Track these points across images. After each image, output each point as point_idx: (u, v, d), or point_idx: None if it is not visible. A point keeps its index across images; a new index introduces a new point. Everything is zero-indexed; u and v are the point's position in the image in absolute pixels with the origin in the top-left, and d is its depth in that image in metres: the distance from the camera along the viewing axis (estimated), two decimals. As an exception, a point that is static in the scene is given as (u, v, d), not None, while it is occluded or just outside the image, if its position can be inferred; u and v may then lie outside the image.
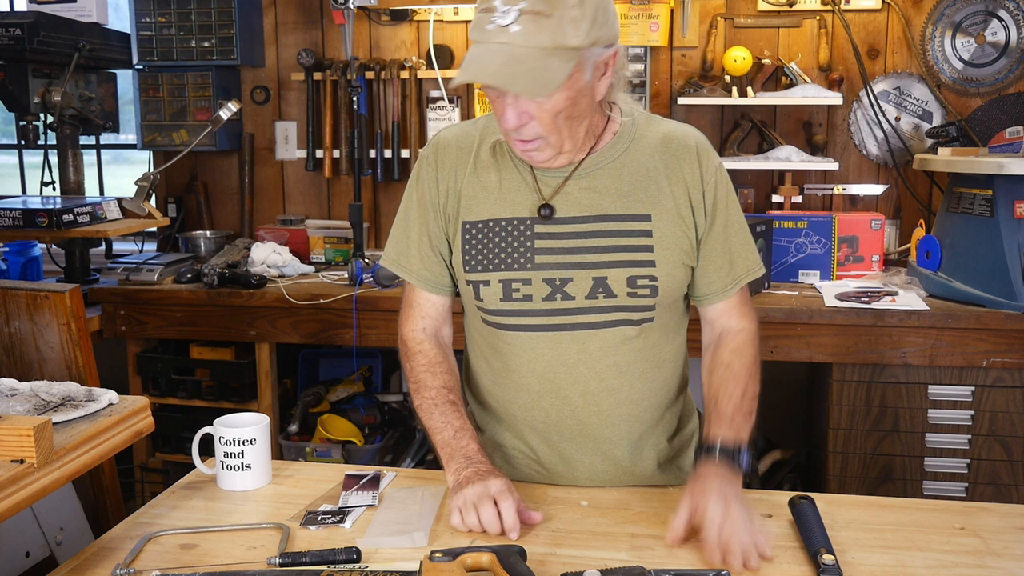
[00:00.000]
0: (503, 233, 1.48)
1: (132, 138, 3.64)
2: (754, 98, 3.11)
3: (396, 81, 3.34)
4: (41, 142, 3.13)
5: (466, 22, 3.30)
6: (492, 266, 1.48)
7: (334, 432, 3.05)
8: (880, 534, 1.34)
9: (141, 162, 3.77)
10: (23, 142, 3.11)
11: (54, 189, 3.29)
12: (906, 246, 3.15)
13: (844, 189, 3.24)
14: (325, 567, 1.22)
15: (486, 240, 1.49)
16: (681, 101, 3.12)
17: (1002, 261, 2.51)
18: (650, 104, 3.23)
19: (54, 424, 1.31)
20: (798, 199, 3.21)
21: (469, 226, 1.50)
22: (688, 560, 1.26)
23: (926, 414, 2.59)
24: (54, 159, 3.25)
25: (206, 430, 1.52)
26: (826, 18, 3.15)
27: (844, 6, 3.13)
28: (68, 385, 1.48)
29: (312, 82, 3.40)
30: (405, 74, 3.34)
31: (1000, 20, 3.07)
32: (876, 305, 2.59)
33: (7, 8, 3.86)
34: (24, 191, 3.96)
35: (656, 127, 1.52)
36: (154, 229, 3.54)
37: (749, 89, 3.13)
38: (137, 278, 2.97)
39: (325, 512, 1.40)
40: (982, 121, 3.08)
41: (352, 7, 3.01)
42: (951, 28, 3.10)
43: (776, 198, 3.24)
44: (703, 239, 1.50)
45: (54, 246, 3.38)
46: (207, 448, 1.51)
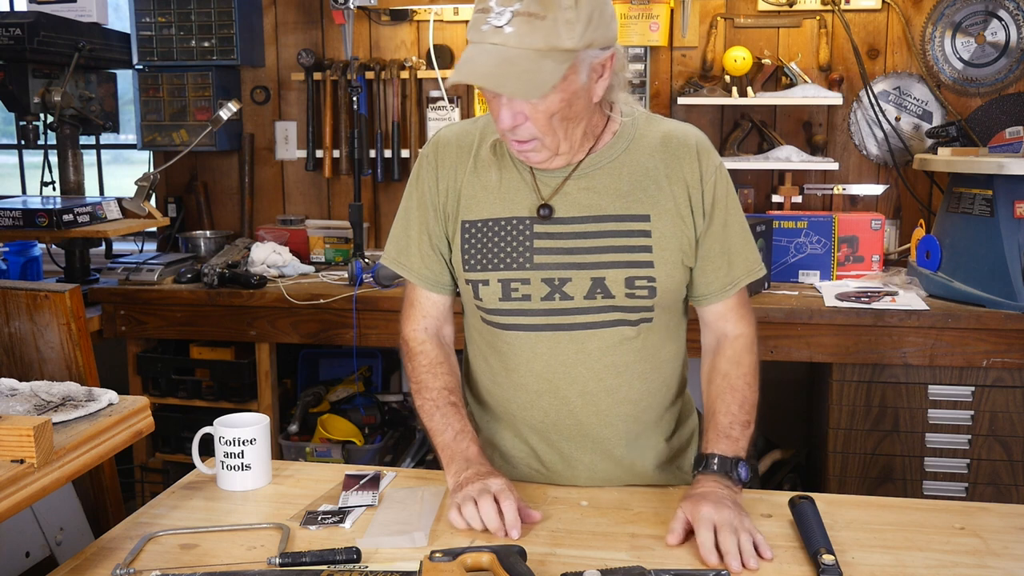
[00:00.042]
0: (502, 233, 1.48)
1: (132, 138, 3.64)
2: (754, 98, 3.11)
3: (396, 81, 3.34)
4: (41, 142, 3.12)
5: (466, 22, 3.30)
6: (491, 266, 1.48)
7: (334, 432, 3.05)
8: (880, 534, 1.34)
9: (141, 162, 3.77)
10: (23, 142, 3.11)
11: (54, 189, 3.28)
12: (906, 246, 3.15)
13: (844, 189, 3.24)
14: (325, 567, 1.22)
15: (485, 240, 1.49)
16: (681, 101, 3.12)
17: (1002, 261, 2.51)
18: (650, 104, 3.23)
19: (54, 424, 1.31)
20: (798, 199, 3.21)
21: (468, 225, 1.50)
22: (688, 560, 1.26)
23: (926, 414, 2.59)
24: (54, 159, 3.25)
25: (206, 430, 1.52)
26: (826, 18, 3.15)
27: (844, 6, 3.13)
28: (68, 385, 1.48)
29: (312, 82, 3.40)
30: (405, 74, 3.34)
31: (1000, 20, 3.07)
32: (876, 305, 2.59)
33: (7, 8, 3.86)
34: (24, 191, 3.96)
35: (656, 126, 1.51)
36: (154, 229, 3.54)
37: (749, 89, 3.13)
38: (137, 278, 2.97)
39: (325, 512, 1.40)
40: (982, 121, 3.08)
41: (352, 7, 3.01)
42: (951, 28, 3.10)
43: (776, 198, 3.24)
44: (701, 239, 1.49)
45: (54, 246, 3.38)
46: (207, 448, 1.51)
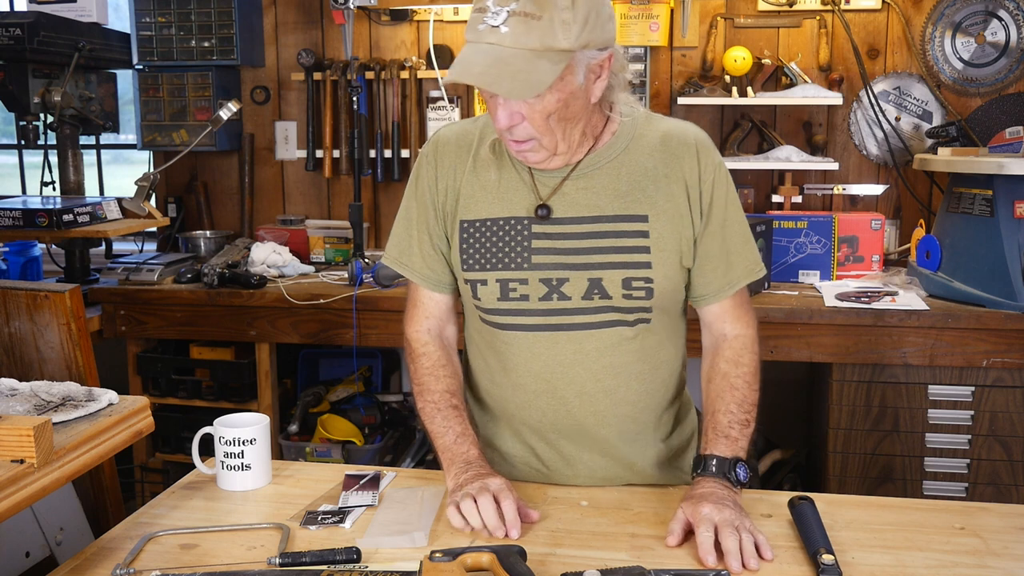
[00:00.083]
0: (500, 232, 1.48)
1: (132, 138, 3.64)
2: (754, 98, 3.11)
3: (396, 81, 3.34)
4: (41, 142, 3.12)
5: (466, 22, 3.30)
6: (489, 265, 1.48)
7: (334, 432, 3.05)
8: (880, 534, 1.34)
9: (141, 162, 3.77)
10: (23, 142, 3.11)
11: (54, 189, 3.28)
12: (906, 246, 3.15)
13: (844, 189, 3.24)
14: (325, 567, 1.22)
15: (483, 239, 1.48)
16: (681, 101, 3.12)
17: (1002, 261, 2.51)
18: (650, 104, 3.23)
19: (54, 424, 1.31)
20: (798, 199, 3.21)
21: (467, 224, 1.50)
22: (688, 560, 1.26)
23: (926, 414, 2.59)
24: (54, 159, 3.25)
25: (206, 430, 1.52)
26: (826, 18, 3.15)
27: (844, 6, 3.13)
28: (68, 385, 1.48)
29: (312, 82, 3.40)
30: (405, 74, 3.34)
31: (1000, 20, 3.07)
32: (876, 305, 2.59)
33: (7, 8, 3.86)
34: (24, 191, 3.96)
35: (656, 125, 1.51)
36: (154, 229, 3.54)
37: (749, 89, 3.13)
38: (137, 278, 2.97)
39: (325, 512, 1.40)
40: (982, 121, 3.08)
41: (352, 7, 3.01)
42: (951, 28, 3.10)
43: (776, 198, 3.24)
44: (699, 238, 1.48)
45: (54, 246, 3.38)
46: (207, 448, 1.51)
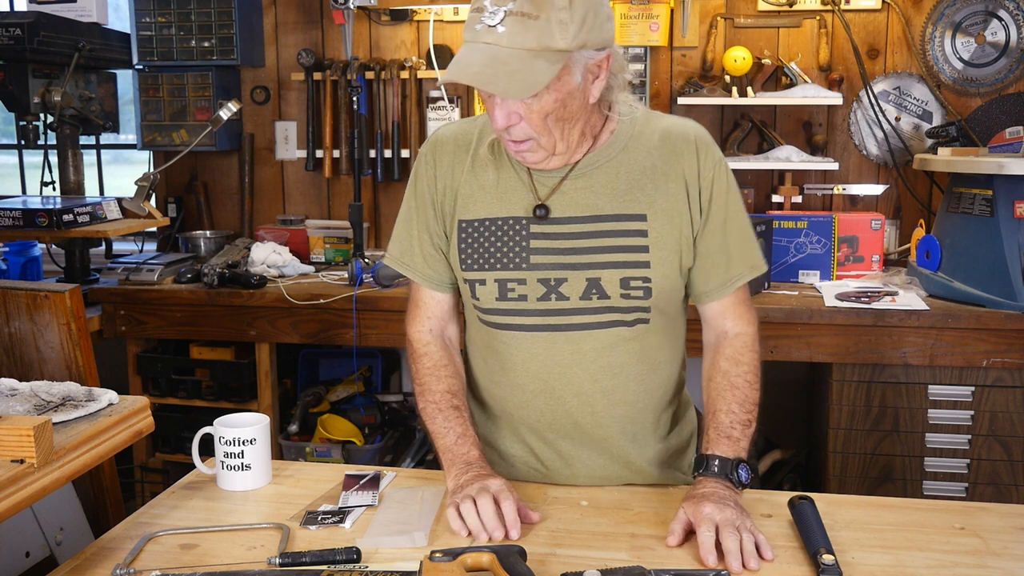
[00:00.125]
0: (499, 232, 1.47)
1: (132, 138, 3.64)
2: (754, 98, 3.11)
3: (396, 81, 3.34)
4: (41, 142, 3.13)
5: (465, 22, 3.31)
6: (488, 265, 1.47)
7: (334, 432, 3.05)
8: (880, 534, 1.34)
9: (141, 162, 3.77)
10: (23, 142, 3.11)
11: (54, 189, 3.28)
12: (906, 246, 3.15)
13: (844, 189, 3.24)
14: (325, 567, 1.22)
15: (482, 239, 1.48)
16: (681, 101, 3.12)
17: (1002, 261, 2.51)
18: (650, 104, 3.23)
19: (54, 424, 1.31)
20: (798, 199, 3.21)
21: (465, 224, 1.50)
22: (688, 560, 1.26)
23: (926, 414, 2.59)
24: (54, 159, 3.25)
25: (206, 430, 1.52)
26: (826, 18, 3.15)
27: (844, 6, 3.13)
28: (68, 385, 1.48)
29: (312, 82, 3.40)
30: (405, 74, 3.34)
31: (1000, 20, 3.07)
32: (876, 305, 2.59)
33: (7, 8, 3.86)
34: (24, 191, 3.96)
35: (656, 123, 1.50)
36: (154, 229, 3.54)
37: (749, 89, 3.13)
38: (137, 278, 2.97)
39: (325, 512, 1.40)
40: (982, 121, 3.08)
41: (352, 7, 3.01)
42: (951, 28, 3.10)
43: (776, 198, 3.24)
44: (699, 235, 1.48)
45: (54, 246, 3.38)
46: (207, 448, 1.51)
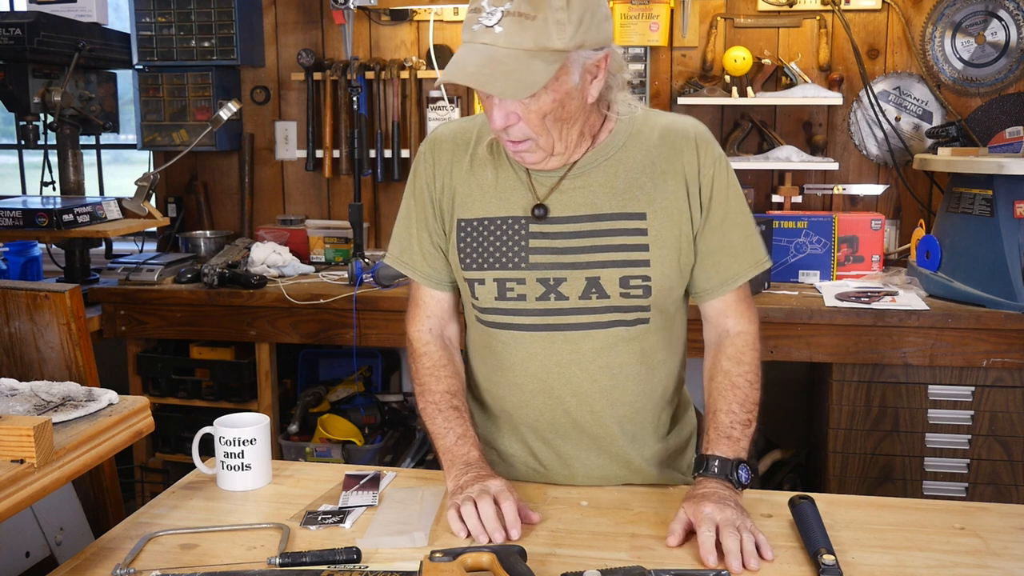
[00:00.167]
0: (498, 232, 1.47)
1: (132, 138, 3.64)
2: (754, 98, 3.11)
3: (396, 81, 3.34)
4: (41, 142, 3.13)
5: (466, 22, 3.31)
6: (487, 265, 1.47)
7: (334, 432, 3.05)
8: (880, 534, 1.34)
9: (141, 162, 3.77)
10: (23, 142, 3.11)
11: (54, 189, 3.28)
12: (906, 246, 3.15)
13: (844, 189, 3.24)
14: (325, 567, 1.22)
15: (481, 239, 1.48)
16: (681, 101, 3.12)
17: (1002, 261, 2.51)
18: (650, 104, 3.23)
19: (54, 424, 1.31)
20: (798, 199, 3.21)
21: (464, 223, 1.50)
22: (688, 560, 1.26)
23: (926, 414, 2.59)
24: (54, 159, 3.25)
25: (206, 430, 1.52)
26: (826, 18, 3.15)
27: (844, 6, 3.13)
28: (68, 385, 1.48)
29: (312, 82, 3.40)
30: (405, 74, 3.34)
31: (1000, 20, 3.07)
32: (876, 305, 2.59)
33: (7, 8, 3.86)
34: (24, 191, 3.96)
35: (655, 121, 1.50)
36: (154, 229, 3.54)
37: (749, 89, 3.13)
38: (137, 278, 2.97)
39: (325, 512, 1.40)
40: (982, 121, 3.08)
41: (352, 7, 3.01)
42: (951, 28, 3.10)
43: (776, 198, 3.24)
44: (700, 233, 1.47)
45: (54, 246, 3.38)
46: (207, 448, 1.51)
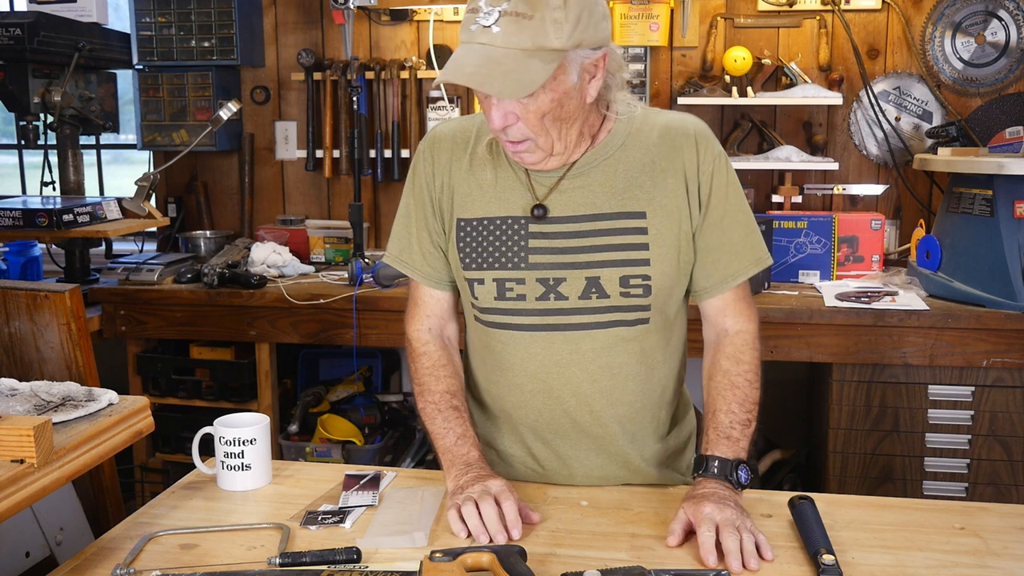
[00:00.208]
0: (497, 232, 1.47)
1: (132, 138, 3.65)
2: (754, 98, 3.11)
3: (396, 81, 3.34)
4: (41, 142, 3.12)
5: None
6: (486, 265, 1.47)
7: (334, 432, 3.05)
8: (880, 534, 1.34)
9: (141, 162, 3.77)
10: (23, 142, 3.11)
11: (54, 189, 3.28)
12: (906, 246, 3.15)
13: (844, 189, 3.24)
14: (325, 567, 1.22)
15: (480, 239, 1.48)
16: (681, 101, 3.12)
17: (1002, 261, 2.51)
18: (650, 104, 3.23)
19: (54, 424, 1.31)
20: (798, 199, 3.21)
21: (464, 223, 1.50)
22: (688, 560, 1.26)
23: (926, 414, 2.59)
24: (54, 159, 3.25)
25: (206, 430, 1.52)
26: (826, 18, 3.15)
27: (844, 6, 3.13)
28: (68, 385, 1.48)
29: (312, 82, 3.40)
30: (405, 74, 3.34)
31: (1000, 20, 3.07)
32: (876, 305, 2.59)
33: (7, 8, 3.86)
34: (24, 191, 3.96)
35: (655, 119, 1.50)
36: (154, 229, 3.54)
37: (749, 89, 3.13)
38: (137, 278, 2.97)
39: (325, 512, 1.40)
40: (982, 121, 3.08)
41: (352, 7, 3.01)
42: (951, 28, 3.10)
43: (776, 198, 3.24)
44: (699, 230, 1.47)
45: (54, 246, 3.38)
46: (207, 448, 1.51)
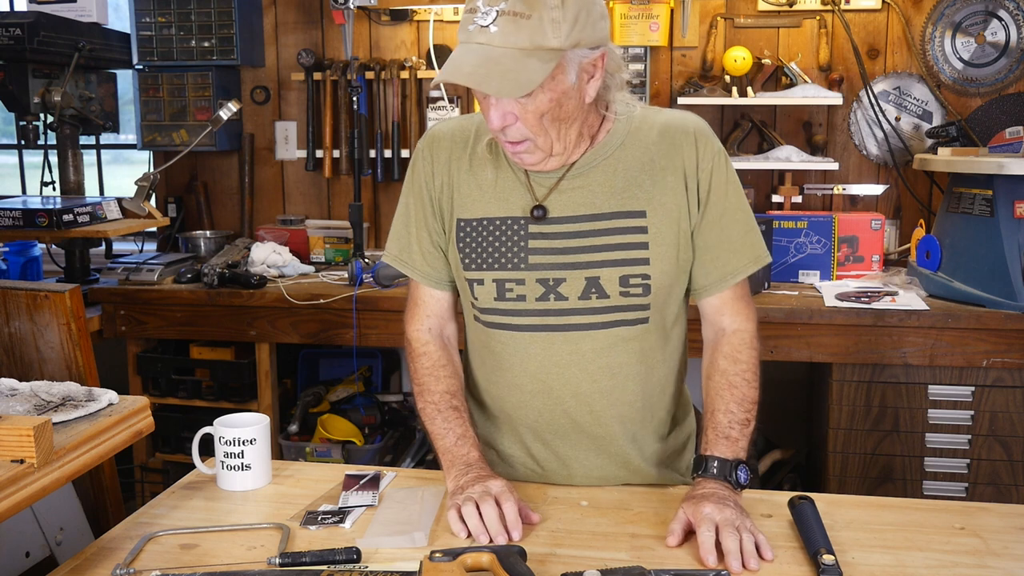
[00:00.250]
0: (497, 232, 1.47)
1: (132, 138, 3.65)
2: (754, 98, 3.11)
3: (396, 81, 3.34)
4: (41, 142, 3.12)
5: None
6: (486, 265, 1.47)
7: (334, 432, 3.05)
8: (880, 534, 1.34)
9: (141, 162, 3.77)
10: (23, 142, 3.11)
11: (54, 189, 3.28)
12: (906, 246, 3.15)
13: (844, 189, 3.24)
14: (325, 567, 1.22)
15: (480, 239, 1.48)
16: (681, 101, 3.12)
17: (1002, 261, 2.51)
18: (650, 104, 3.23)
19: (54, 424, 1.31)
20: (798, 199, 3.21)
21: (464, 223, 1.50)
22: (688, 560, 1.26)
23: (926, 414, 2.59)
24: (54, 159, 3.25)
25: (206, 430, 1.52)
26: (826, 18, 3.15)
27: (844, 6, 3.13)
28: (68, 385, 1.48)
29: (312, 82, 3.40)
30: (405, 74, 3.34)
31: (1000, 20, 3.07)
32: (876, 305, 2.59)
33: (7, 8, 3.86)
34: (24, 191, 3.96)
35: (654, 118, 1.49)
36: (154, 229, 3.54)
37: (749, 89, 3.13)
38: (137, 278, 2.97)
39: (325, 512, 1.40)
40: (982, 121, 3.08)
41: (352, 7, 3.01)
42: (951, 28, 3.10)
43: (776, 198, 3.24)
44: (697, 228, 1.47)
45: (54, 246, 3.38)
46: (207, 448, 1.51)
